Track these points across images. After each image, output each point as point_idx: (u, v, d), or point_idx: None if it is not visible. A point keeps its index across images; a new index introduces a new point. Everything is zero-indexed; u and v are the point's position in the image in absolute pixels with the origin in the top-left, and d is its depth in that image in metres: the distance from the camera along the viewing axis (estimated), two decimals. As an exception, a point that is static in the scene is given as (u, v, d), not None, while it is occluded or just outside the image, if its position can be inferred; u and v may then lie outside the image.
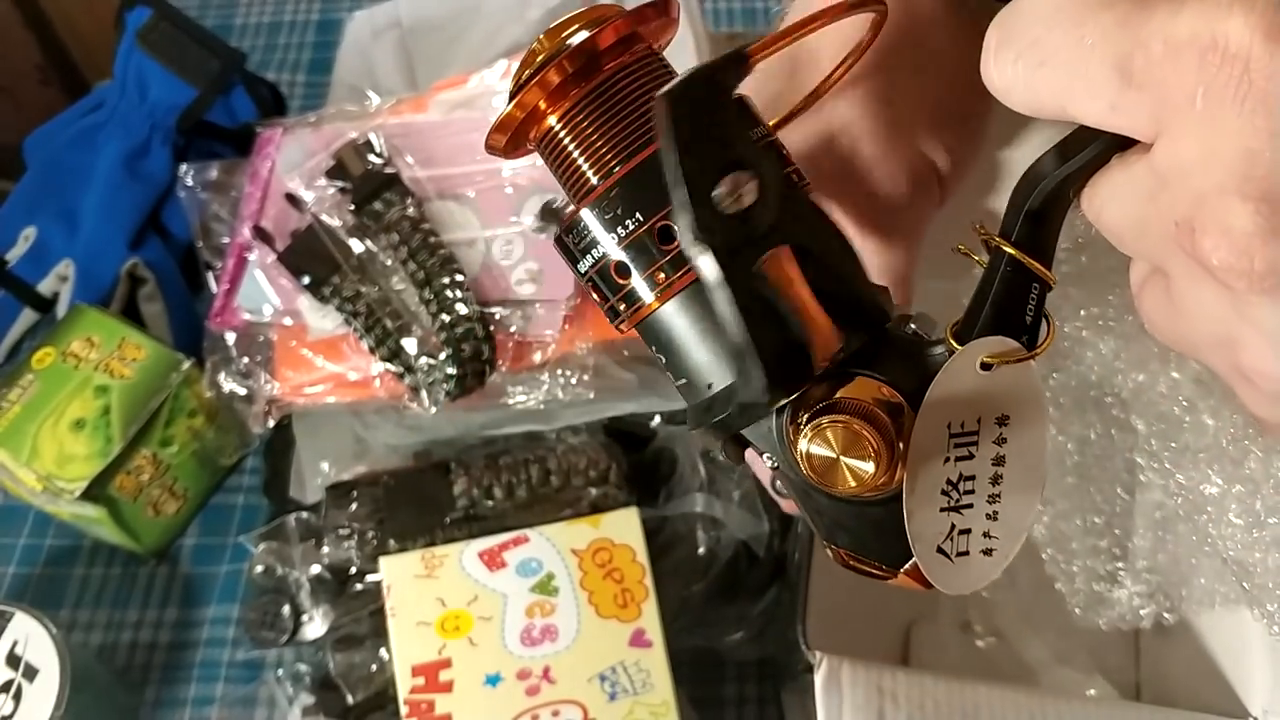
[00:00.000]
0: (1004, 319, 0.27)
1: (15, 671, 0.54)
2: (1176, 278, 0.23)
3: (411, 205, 0.60)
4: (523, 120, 0.28)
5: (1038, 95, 0.23)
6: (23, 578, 0.66)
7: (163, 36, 0.73)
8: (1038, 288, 0.27)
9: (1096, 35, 0.21)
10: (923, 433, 0.26)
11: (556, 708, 0.50)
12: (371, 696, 0.54)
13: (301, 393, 0.60)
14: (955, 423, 0.27)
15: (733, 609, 0.58)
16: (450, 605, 0.52)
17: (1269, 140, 0.19)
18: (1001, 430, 0.27)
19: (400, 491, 0.57)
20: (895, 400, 0.27)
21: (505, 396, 0.59)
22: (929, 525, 0.27)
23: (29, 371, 0.62)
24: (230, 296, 0.63)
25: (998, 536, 0.28)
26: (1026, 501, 0.28)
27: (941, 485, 0.27)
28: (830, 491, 0.27)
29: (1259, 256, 0.20)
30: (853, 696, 0.42)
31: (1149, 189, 0.22)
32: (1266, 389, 0.22)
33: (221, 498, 0.68)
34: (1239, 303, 0.21)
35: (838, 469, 0.26)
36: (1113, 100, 0.21)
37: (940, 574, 0.28)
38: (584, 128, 0.28)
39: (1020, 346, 0.27)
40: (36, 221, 0.73)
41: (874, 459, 0.26)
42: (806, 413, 0.27)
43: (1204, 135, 0.20)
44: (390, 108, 0.66)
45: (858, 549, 0.29)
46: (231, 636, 0.63)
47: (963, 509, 0.27)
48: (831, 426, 0.26)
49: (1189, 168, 0.20)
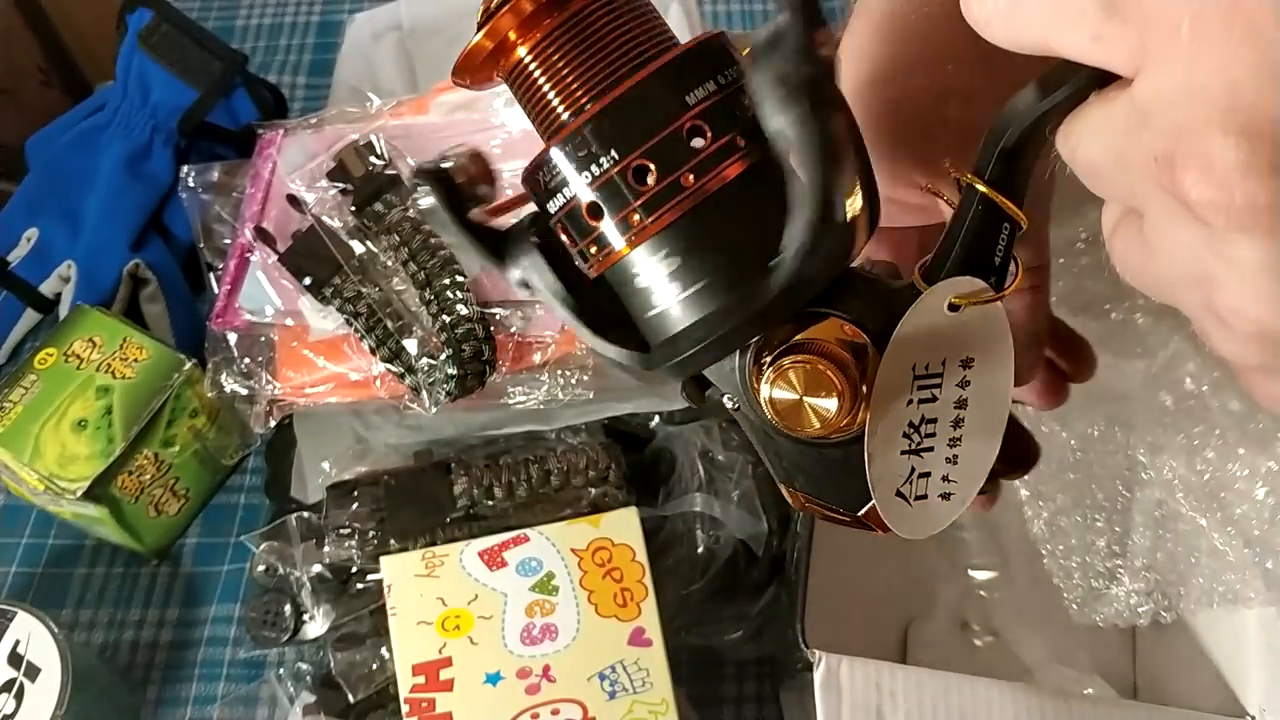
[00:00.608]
0: (974, 259, 0.26)
1: (17, 671, 0.54)
2: (1152, 215, 0.22)
3: (412, 206, 0.60)
4: (491, 50, 0.27)
5: (1017, 28, 0.22)
6: (25, 577, 0.66)
7: (164, 38, 0.73)
8: (1008, 227, 0.26)
9: None
10: (887, 373, 0.26)
11: (556, 706, 0.50)
12: (372, 695, 0.55)
13: (303, 393, 0.60)
14: (920, 364, 0.26)
15: (732, 608, 0.58)
16: (451, 604, 0.52)
17: (1254, 71, 0.19)
18: (965, 373, 0.27)
19: (401, 491, 0.57)
20: (859, 340, 0.26)
21: (505, 396, 0.59)
22: (889, 468, 0.27)
23: (31, 372, 0.62)
24: (232, 297, 0.63)
25: (956, 480, 0.28)
26: (987, 445, 0.28)
27: (903, 427, 0.27)
28: (792, 433, 0.26)
29: (1239, 191, 0.19)
30: (851, 694, 0.43)
31: (1128, 124, 0.21)
32: (1239, 328, 0.22)
33: (223, 497, 0.68)
34: (1216, 240, 0.20)
35: (801, 410, 0.26)
36: (1095, 31, 0.20)
37: (898, 517, 0.27)
38: (555, 60, 0.26)
39: (988, 287, 0.26)
40: (39, 222, 0.73)
41: (837, 398, 0.25)
42: (770, 353, 0.26)
43: (1188, 67, 0.19)
44: (391, 109, 0.66)
45: (816, 491, 0.29)
46: (233, 635, 0.63)
47: (923, 452, 0.27)
48: (794, 367, 0.26)
49: (1171, 101, 0.20)
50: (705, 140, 0.25)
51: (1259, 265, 0.20)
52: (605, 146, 0.26)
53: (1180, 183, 0.20)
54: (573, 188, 0.26)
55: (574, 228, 0.27)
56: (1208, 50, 0.19)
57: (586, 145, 0.26)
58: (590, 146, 0.26)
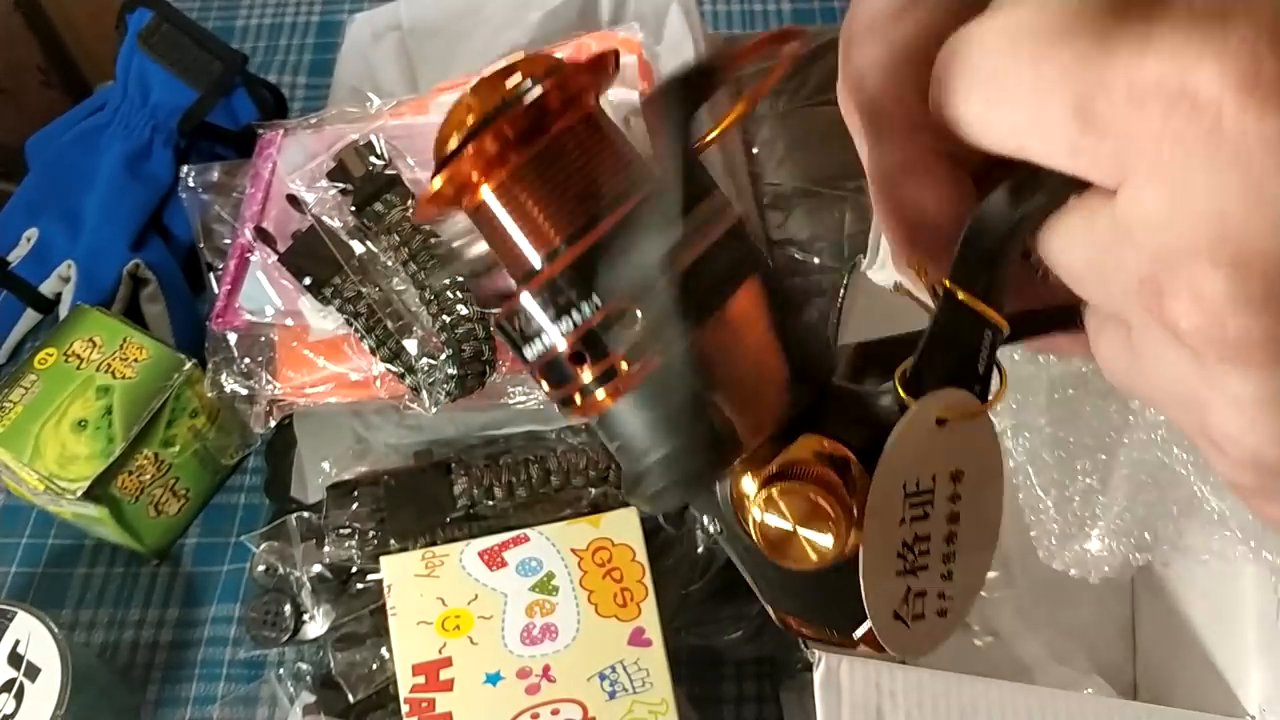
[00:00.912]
0: (957, 369, 0.25)
1: (17, 671, 0.54)
2: (1139, 331, 0.21)
3: (412, 207, 0.61)
4: (453, 194, 0.25)
5: (993, 133, 0.21)
6: (25, 577, 0.66)
7: (164, 38, 0.73)
8: (990, 334, 0.25)
9: (1055, 73, 0.19)
10: (879, 496, 0.25)
11: (556, 706, 0.50)
12: (372, 695, 0.55)
13: (303, 393, 0.60)
14: (910, 482, 0.25)
15: (731, 608, 0.58)
16: (451, 604, 0.52)
17: (1242, 199, 0.18)
18: (956, 486, 0.26)
19: (401, 491, 0.57)
20: (842, 456, 0.25)
21: (505, 396, 0.59)
22: (885, 590, 0.26)
23: (31, 372, 0.62)
24: (232, 297, 0.63)
25: (952, 596, 0.27)
26: (980, 560, 0.27)
27: (897, 548, 0.25)
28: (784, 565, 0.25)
29: (1231, 324, 0.18)
30: (851, 694, 0.43)
31: (1111, 239, 0.20)
32: (1234, 455, 0.21)
33: (223, 497, 0.69)
34: (1207, 370, 0.20)
35: (795, 542, 0.25)
36: (1073, 143, 0.19)
37: (896, 641, 0.26)
38: (523, 201, 0.24)
39: (975, 399, 0.25)
40: (39, 223, 0.73)
41: (832, 530, 0.24)
42: (756, 478, 0.25)
43: (1172, 189, 0.18)
44: (391, 109, 0.66)
45: (806, 615, 0.28)
46: (233, 635, 0.63)
47: (918, 570, 0.26)
48: (785, 496, 0.24)
49: (1155, 222, 0.19)
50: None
51: (1253, 397, 0.19)
52: (585, 292, 0.24)
53: (1169, 311, 0.19)
54: (549, 336, 0.24)
55: (552, 376, 0.25)
56: (1191, 174, 0.18)
57: (561, 292, 0.24)
58: (569, 293, 0.24)
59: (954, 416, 0.25)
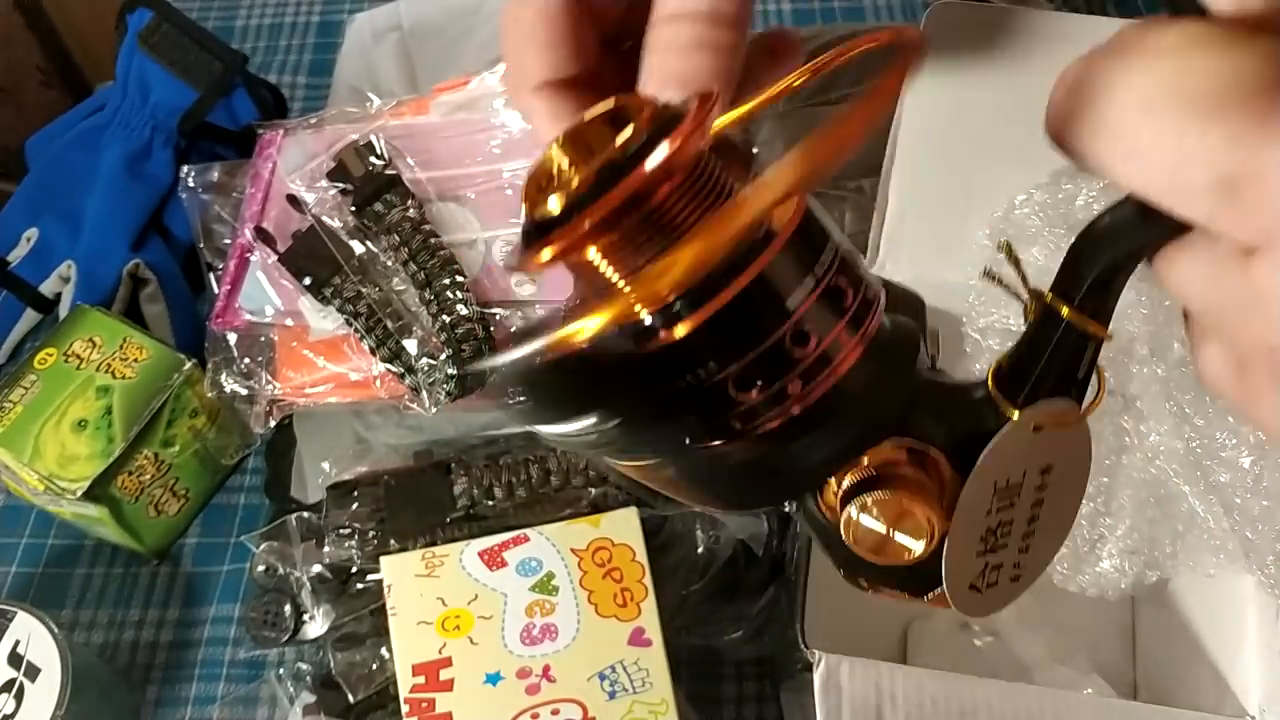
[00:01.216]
0: (1058, 378, 0.25)
1: (17, 671, 0.54)
2: (1256, 374, 0.21)
3: (412, 207, 0.61)
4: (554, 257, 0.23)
5: (1123, 181, 0.20)
6: (25, 577, 0.66)
7: (164, 38, 0.73)
8: (1094, 345, 0.24)
9: (1201, 151, 0.18)
10: (971, 494, 0.25)
11: (556, 706, 0.50)
12: (372, 695, 0.55)
13: (303, 393, 0.60)
14: (1001, 480, 0.25)
15: (731, 608, 0.58)
16: (451, 604, 0.52)
17: None
18: (1044, 478, 0.26)
19: (401, 491, 0.57)
20: (933, 457, 0.25)
21: (505, 397, 0.59)
22: (964, 569, 0.26)
23: (31, 372, 0.62)
24: (232, 297, 0.63)
25: (1024, 566, 0.27)
26: (1057, 536, 0.27)
27: (981, 534, 0.26)
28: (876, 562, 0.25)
29: None
30: (851, 695, 0.43)
31: (1239, 293, 0.20)
32: None
33: (223, 497, 0.69)
34: None
35: (888, 544, 0.25)
36: (1212, 212, 0.19)
37: (969, 605, 0.27)
38: (634, 258, 0.23)
39: (1075, 408, 0.25)
40: (38, 223, 0.73)
41: (925, 534, 0.24)
42: (850, 478, 0.25)
43: None
44: (391, 110, 0.66)
45: (882, 580, 0.28)
46: (233, 636, 0.63)
47: (998, 549, 0.26)
48: (879, 504, 0.24)
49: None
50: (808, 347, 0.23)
51: None
52: (705, 357, 0.23)
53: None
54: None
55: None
56: None
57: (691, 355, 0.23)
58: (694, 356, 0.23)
59: (1051, 424, 0.25)
